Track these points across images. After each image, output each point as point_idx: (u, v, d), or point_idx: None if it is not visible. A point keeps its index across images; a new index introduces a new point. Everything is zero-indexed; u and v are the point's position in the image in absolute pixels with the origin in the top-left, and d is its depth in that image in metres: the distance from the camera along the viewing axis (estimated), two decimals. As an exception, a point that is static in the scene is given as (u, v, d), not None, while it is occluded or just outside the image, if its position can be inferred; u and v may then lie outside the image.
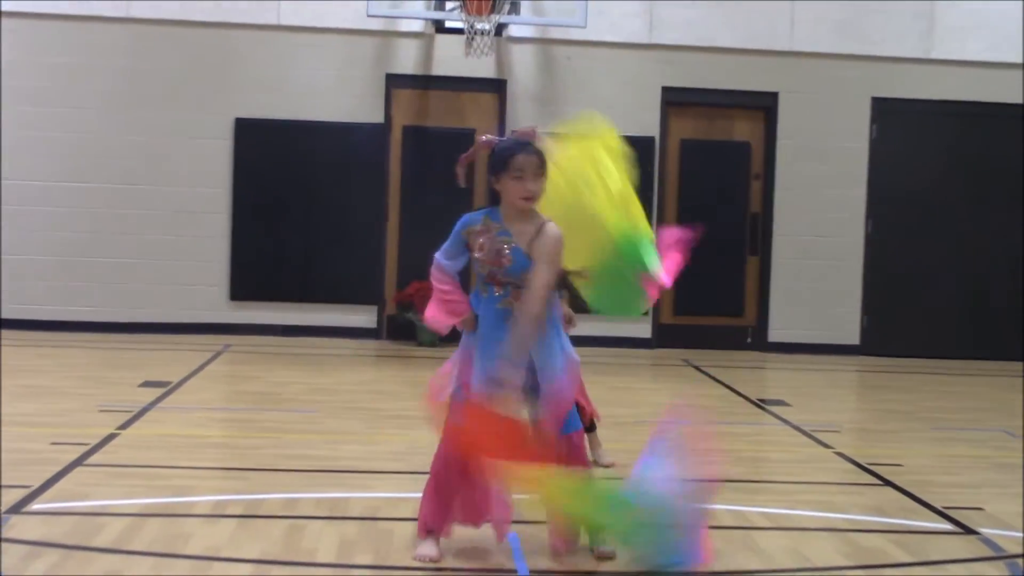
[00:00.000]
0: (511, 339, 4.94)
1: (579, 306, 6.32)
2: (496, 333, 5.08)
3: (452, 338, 5.63)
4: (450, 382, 5.28)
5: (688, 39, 13.36)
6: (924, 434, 9.16)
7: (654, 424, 6.91)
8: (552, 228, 5.06)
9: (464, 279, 5.46)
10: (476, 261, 5.16)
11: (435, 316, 5.31)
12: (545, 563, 5.37)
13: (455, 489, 5.26)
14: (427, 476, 5.48)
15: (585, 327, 7.37)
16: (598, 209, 5.11)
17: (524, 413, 5.10)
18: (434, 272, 5.32)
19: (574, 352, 5.27)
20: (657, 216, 13.36)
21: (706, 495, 5.03)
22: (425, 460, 5.42)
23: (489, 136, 5.30)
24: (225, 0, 12.92)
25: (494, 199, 5.22)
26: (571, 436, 5.19)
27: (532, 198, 5.05)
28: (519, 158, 5.04)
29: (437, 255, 5.32)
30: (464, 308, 5.26)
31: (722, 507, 6.51)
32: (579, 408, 5.62)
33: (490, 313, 5.14)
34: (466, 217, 5.23)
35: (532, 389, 5.10)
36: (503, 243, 5.07)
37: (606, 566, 5.35)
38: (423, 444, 7.85)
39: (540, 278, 4.99)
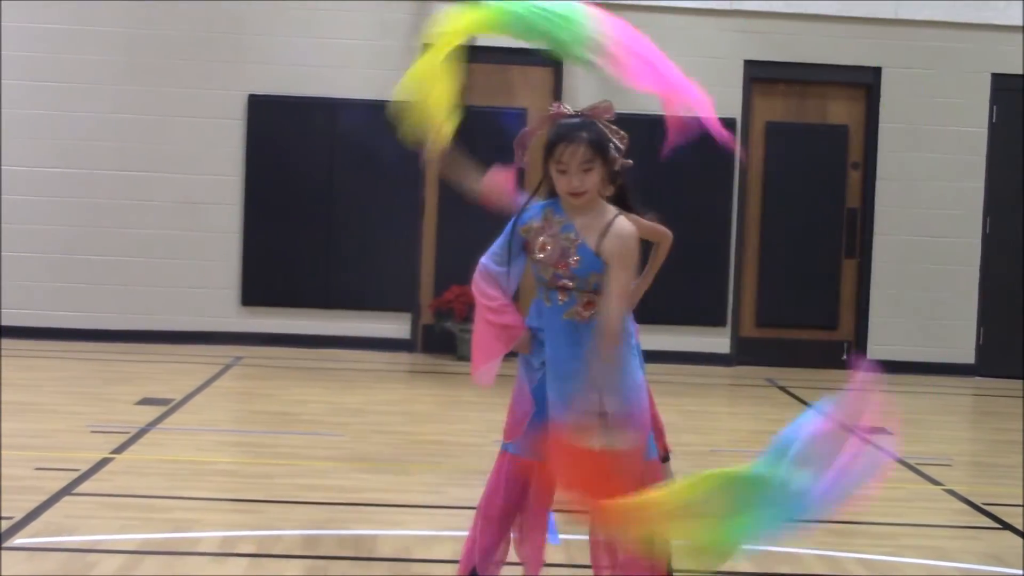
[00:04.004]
0: (592, 363, 4.81)
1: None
2: (565, 350, 4.96)
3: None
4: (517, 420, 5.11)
5: (776, 5, 13.34)
6: (1051, 470, 9.10)
7: (734, 455, 6.90)
8: (623, 224, 4.95)
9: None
10: (536, 264, 4.99)
11: (485, 352, 5.02)
12: None
13: (504, 529, 5.21)
14: (465, 511, 5.50)
15: (651, 340, 7.36)
16: None
17: (603, 442, 5.01)
18: (478, 281, 5.04)
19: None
20: (739, 212, 13.37)
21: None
22: (464, 493, 5.44)
23: (559, 107, 5.19)
24: (238, -42, 13.06)
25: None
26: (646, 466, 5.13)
27: (579, 194, 4.96)
28: (560, 148, 4.94)
29: (483, 259, 5.06)
30: (517, 329, 5.02)
31: (812, 552, 6.50)
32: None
33: (555, 326, 4.99)
34: (523, 211, 5.08)
35: (601, 414, 5.00)
36: (568, 241, 4.95)
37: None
38: (461, 474, 7.89)
39: (616, 285, 4.86)
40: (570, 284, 4.95)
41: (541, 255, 4.98)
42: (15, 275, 12.91)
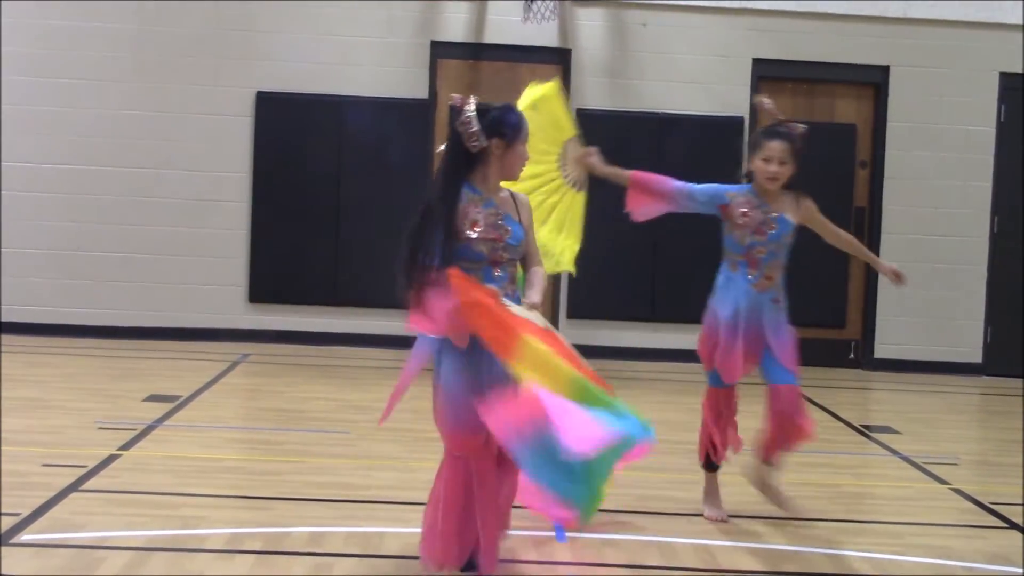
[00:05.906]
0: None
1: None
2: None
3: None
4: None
5: (785, 4, 13.32)
6: (1058, 469, 9.09)
7: (741, 454, 6.92)
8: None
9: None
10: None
11: None
12: None
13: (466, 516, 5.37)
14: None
15: (660, 338, 7.36)
16: None
17: None
18: None
19: None
20: (745, 210, 13.35)
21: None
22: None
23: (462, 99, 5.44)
24: (246, -45, 13.06)
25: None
26: None
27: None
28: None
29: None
30: None
31: (819, 550, 6.50)
32: None
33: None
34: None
35: None
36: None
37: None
38: (470, 472, 7.86)
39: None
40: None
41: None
42: (22, 272, 12.94)
